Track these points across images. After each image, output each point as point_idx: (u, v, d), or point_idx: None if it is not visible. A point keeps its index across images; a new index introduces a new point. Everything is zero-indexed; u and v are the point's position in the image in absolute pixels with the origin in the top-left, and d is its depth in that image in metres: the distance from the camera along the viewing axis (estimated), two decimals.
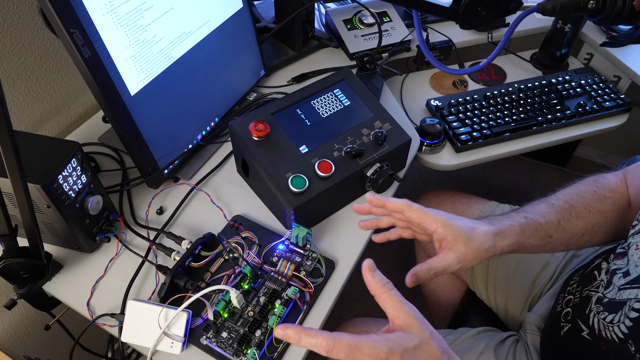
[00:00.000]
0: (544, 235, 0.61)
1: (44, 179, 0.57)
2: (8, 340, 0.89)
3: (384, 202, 0.59)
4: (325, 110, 0.77)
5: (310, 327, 0.42)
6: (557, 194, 0.66)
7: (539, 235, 0.61)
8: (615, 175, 0.68)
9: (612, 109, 1.03)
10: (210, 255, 0.67)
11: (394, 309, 0.44)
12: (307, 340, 0.41)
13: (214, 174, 0.82)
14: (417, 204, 0.58)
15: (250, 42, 0.92)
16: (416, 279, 0.54)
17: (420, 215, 0.56)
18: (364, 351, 0.40)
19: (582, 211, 0.63)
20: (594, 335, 0.58)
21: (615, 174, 0.68)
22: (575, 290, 0.67)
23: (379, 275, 0.45)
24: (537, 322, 0.76)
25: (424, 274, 0.54)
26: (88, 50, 0.60)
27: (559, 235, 0.62)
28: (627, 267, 0.56)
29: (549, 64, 1.15)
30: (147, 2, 0.67)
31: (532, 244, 0.61)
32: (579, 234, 0.63)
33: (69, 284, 0.67)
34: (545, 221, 0.61)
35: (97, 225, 0.68)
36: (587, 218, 0.63)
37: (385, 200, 0.58)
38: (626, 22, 0.66)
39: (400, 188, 0.71)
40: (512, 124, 0.98)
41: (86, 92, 0.92)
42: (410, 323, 0.43)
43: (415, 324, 0.43)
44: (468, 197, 1.01)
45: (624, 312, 0.53)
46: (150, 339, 0.59)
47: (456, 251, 0.55)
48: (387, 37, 1.06)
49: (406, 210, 0.57)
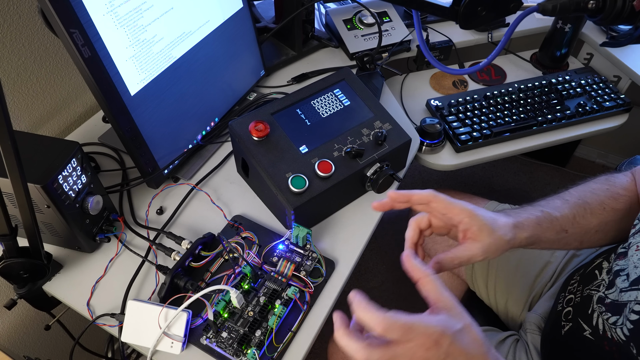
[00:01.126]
0: (559, 229, 0.61)
1: (44, 179, 0.57)
2: (8, 340, 0.89)
3: (409, 197, 0.56)
4: (325, 110, 0.77)
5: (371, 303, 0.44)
6: (570, 190, 0.66)
7: (555, 229, 0.61)
8: (625, 175, 0.68)
9: (612, 109, 1.03)
10: (210, 255, 0.67)
11: (436, 293, 0.46)
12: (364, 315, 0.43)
13: (214, 174, 0.82)
14: (442, 194, 0.56)
15: (250, 42, 0.92)
16: (439, 267, 0.54)
17: (447, 206, 0.55)
18: (420, 331, 0.42)
19: (596, 208, 0.63)
20: (597, 335, 0.58)
21: (625, 173, 0.68)
22: (576, 289, 0.67)
23: (419, 261, 0.48)
24: (537, 322, 0.76)
25: (447, 263, 0.54)
26: (88, 50, 0.60)
27: (574, 230, 0.62)
28: (628, 268, 0.56)
29: (549, 64, 1.15)
30: (147, 2, 0.67)
31: (548, 237, 0.61)
32: (593, 230, 0.63)
33: (69, 284, 0.67)
34: (561, 215, 0.61)
35: (97, 225, 0.68)
36: (601, 215, 0.63)
37: (410, 195, 0.56)
38: (626, 22, 0.66)
39: (400, 188, 0.71)
40: (512, 124, 0.98)
41: (86, 92, 0.92)
42: (452, 307, 0.45)
43: (457, 309, 0.45)
44: (468, 197, 1.01)
45: (625, 314, 0.54)
46: (150, 339, 0.59)
47: (481, 242, 0.54)
48: (387, 37, 1.06)
49: (432, 200, 0.56)
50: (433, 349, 0.42)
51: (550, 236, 0.61)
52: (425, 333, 0.42)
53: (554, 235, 0.61)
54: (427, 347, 0.42)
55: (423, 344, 0.42)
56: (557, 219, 0.61)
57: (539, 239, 0.60)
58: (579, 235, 0.63)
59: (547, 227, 0.60)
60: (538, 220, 0.60)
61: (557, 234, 0.61)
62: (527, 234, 0.58)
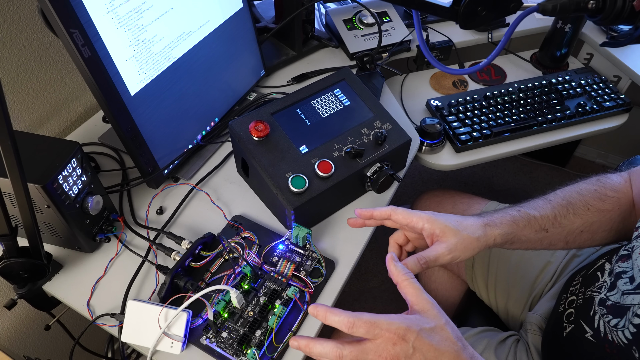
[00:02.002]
0: (538, 228, 0.62)
1: (44, 179, 0.57)
2: (8, 340, 0.89)
3: (370, 213, 0.62)
4: (325, 110, 0.77)
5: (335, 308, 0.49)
6: (556, 191, 0.67)
7: (533, 227, 0.62)
8: (620, 176, 0.68)
9: (612, 109, 1.03)
10: (210, 255, 0.67)
11: (414, 295, 0.49)
12: (332, 318, 0.47)
13: (214, 174, 0.82)
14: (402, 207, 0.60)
15: (250, 42, 0.92)
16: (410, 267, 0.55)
17: (406, 216, 0.59)
18: (383, 327, 0.45)
19: (580, 208, 0.64)
20: (598, 337, 0.58)
21: (621, 174, 0.68)
22: (579, 291, 0.67)
23: (401, 265, 0.52)
24: (538, 322, 0.76)
25: (413, 264, 0.55)
26: (88, 50, 0.60)
27: (555, 230, 0.63)
28: (632, 271, 0.56)
29: (549, 64, 1.15)
30: (147, 2, 0.67)
31: (527, 236, 0.62)
32: (578, 230, 0.64)
33: (69, 284, 0.67)
34: (540, 215, 0.63)
35: (97, 225, 0.68)
36: (585, 215, 0.64)
37: (372, 211, 0.61)
38: (626, 22, 0.66)
39: (400, 188, 0.71)
40: (512, 124, 0.98)
41: (86, 92, 0.92)
42: (428, 309, 0.48)
43: (432, 310, 0.48)
44: (468, 197, 1.01)
45: (627, 317, 0.53)
46: (150, 339, 0.59)
47: (446, 242, 0.56)
48: (387, 37, 1.06)
49: (392, 214, 0.60)
50: (399, 343, 0.44)
51: (529, 234, 0.62)
52: (390, 329, 0.45)
53: (533, 234, 0.62)
54: (393, 342, 0.45)
55: (389, 339, 0.45)
56: (536, 218, 0.62)
57: (516, 237, 0.61)
58: (561, 235, 0.64)
59: (525, 226, 0.61)
60: (514, 219, 0.61)
61: (536, 232, 0.62)
62: (500, 231, 0.59)
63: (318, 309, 0.49)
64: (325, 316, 0.48)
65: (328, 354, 0.46)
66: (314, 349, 0.47)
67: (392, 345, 0.44)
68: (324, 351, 0.47)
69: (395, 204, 0.65)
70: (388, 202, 0.79)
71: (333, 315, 0.47)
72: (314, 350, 0.47)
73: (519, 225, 0.61)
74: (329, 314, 0.48)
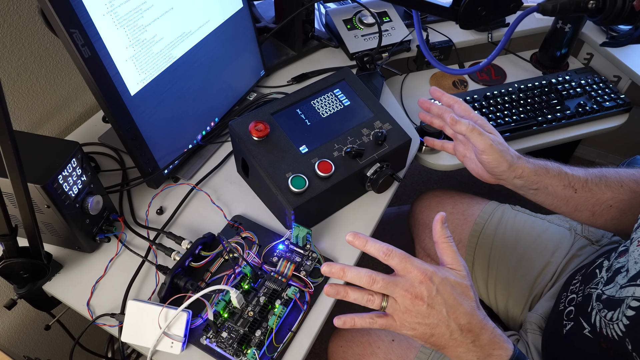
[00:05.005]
0: (567, 183, 0.65)
1: (44, 179, 0.57)
2: (8, 340, 0.89)
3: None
4: (325, 110, 0.77)
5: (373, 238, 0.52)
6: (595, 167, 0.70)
7: (562, 181, 0.65)
8: None
9: (612, 109, 1.03)
10: (210, 255, 0.67)
11: (450, 256, 0.53)
12: (372, 244, 0.51)
13: (214, 174, 0.82)
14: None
15: (250, 42, 0.92)
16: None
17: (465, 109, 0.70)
18: (415, 264, 0.49)
19: (613, 182, 0.66)
20: (595, 333, 0.58)
21: None
22: (578, 289, 0.67)
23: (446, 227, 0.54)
24: (538, 322, 0.76)
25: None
26: (88, 50, 0.60)
27: (584, 194, 0.66)
28: (628, 264, 0.56)
29: (549, 64, 1.15)
30: (147, 2, 0.67)
31: (555, 187, 0.65)
32: (607, 204, 0.66)
33: (69, 284, 0.67)
34: (572, 173, 0.66)
35: (97, 225, 0.68)
36: (617, 190, 0.66)
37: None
38: (626, 22, 0.66)
39: (400, 188, 0.71)
40: (512, 124, 0.98)
41: (86, 92, 0.92)
42: (460, 269, 0.52)
43: (463, 272, 0.52)
44: (469, 197, 1.01)
45: (621, 310, 0.54)
46: (150, 339, 0.59)
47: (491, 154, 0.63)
48: (387, 37, 1.06)
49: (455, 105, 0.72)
50: (425, 282, 0.49)
51: (557, 187, 0.65)
52: (420, 267, 0.49)
53: (561, 188, 0.65)
54: (420, 280, 0.49)
55: (417, 277, 0.49)
56: (567, 174, 0.66)
57: (542, 183, 0.65)
58: (589, 202, 0.66)
59: (554, 176, 0.65)
60: (546, 165, 0.65)
61: (564, 188, 0.65)
62: (532, 167, 0.64)
63: (358, 236, 0.51)
64: (365, 243, 0.51)
65: (362, 277, 0.49)
66: (349, 272, 0.50)
67: (418, 282, 0.49)
68: (358, 275, 0.50)
69: (395, 204, 0.65)
70: (388, 202, 0.79)
71: (373, 242, 0.51)
72: (348, 274, 0.50)
73: (549, 173, 0.64)
74: (369, 242, 0.51)
